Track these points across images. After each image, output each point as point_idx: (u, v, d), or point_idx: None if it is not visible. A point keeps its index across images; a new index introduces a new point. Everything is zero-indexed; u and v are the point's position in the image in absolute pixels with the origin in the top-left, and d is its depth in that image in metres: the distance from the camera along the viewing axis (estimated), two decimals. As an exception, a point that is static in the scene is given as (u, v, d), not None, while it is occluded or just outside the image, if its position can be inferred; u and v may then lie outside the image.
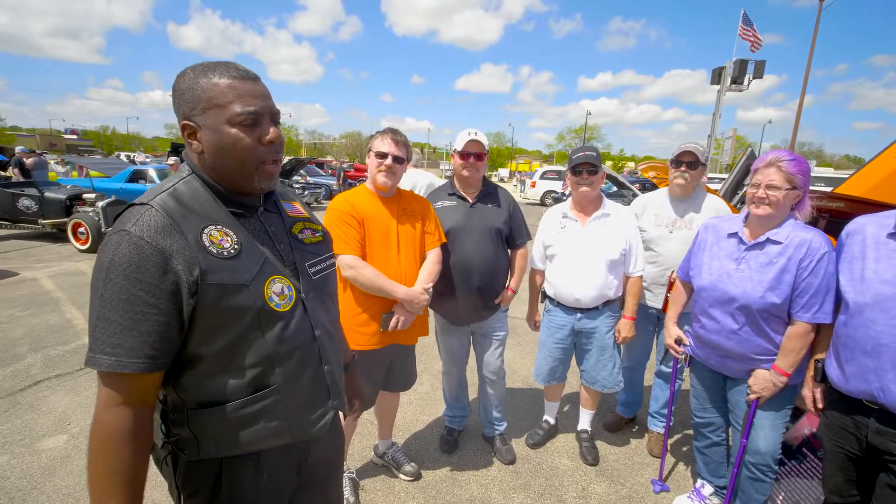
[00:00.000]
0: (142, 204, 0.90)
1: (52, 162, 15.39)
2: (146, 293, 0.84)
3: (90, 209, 7.61)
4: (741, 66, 18.41)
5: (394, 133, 2.01)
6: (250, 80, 0.95)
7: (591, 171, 2.35)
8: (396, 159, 1.99)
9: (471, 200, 2.39)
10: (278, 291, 0.99)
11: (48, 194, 7.99)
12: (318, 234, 1.19)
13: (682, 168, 2.47)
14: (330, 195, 17.04)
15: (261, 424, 0.99)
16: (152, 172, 10.17)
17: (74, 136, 64.63)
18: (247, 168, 0.96)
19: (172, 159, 7.73)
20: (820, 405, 1.73)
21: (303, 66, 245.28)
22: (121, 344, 0.83)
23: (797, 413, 2.44)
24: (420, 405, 3.23)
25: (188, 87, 0.93)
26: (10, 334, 4.17)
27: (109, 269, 0.83)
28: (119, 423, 0.85)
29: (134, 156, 26.80)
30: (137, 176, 10.19)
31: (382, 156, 1.98)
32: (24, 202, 7.98)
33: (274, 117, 0.99)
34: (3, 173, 12.24)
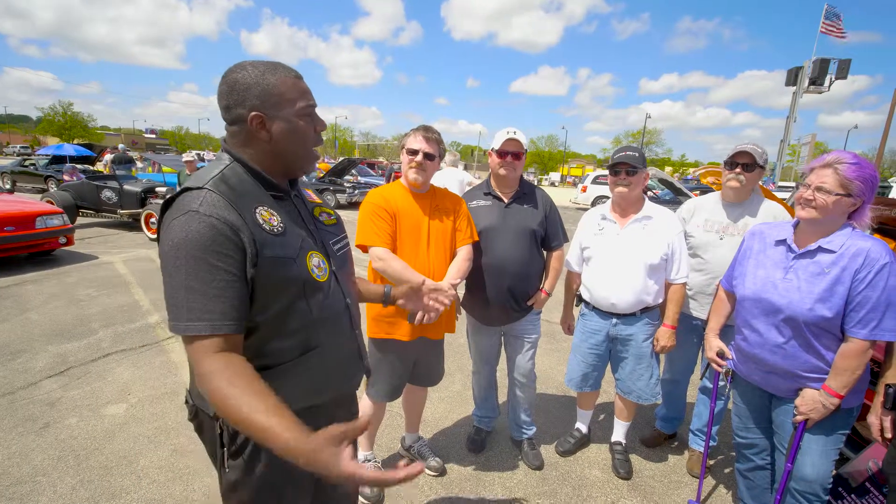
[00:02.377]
0: (198, 188, 0.97)
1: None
2: (225, 263, 0.92)
3: (161, 201, 8.27)
4: (821, 65, 16.81)
5: (426, 130, 2.03)
6: (302, 80, 1.10)
7: (629, 172, 2.25)
8: (427, 156, 2.01)
9: (506, 200, 2.37)
10: (316, 265, 1.11)
11: (126, 187, 8.78)
12: (332, 217, 1.31)
13: (738, 169, 2.31)
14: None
15: (310, 381, 1.13)
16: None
17: (153, 136, 70.71)
18: (307, 152, 1.11)
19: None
20: (889, 435, 1.55)
21: (362, 70, 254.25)
22: (212, 309, 0.90)
23: (861, 443, 2.21)
24: (451, 403, 3.23)
25: (255, 82, 1.01)
26: (86, 311, 4.63)
27: (186, 245, 0.89)
28: (226, 362, 0.90)
29: (204, 154, 28.82)
30: None
31: (413, 152, 2.01)
32: (106, 194, 8.83)
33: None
34: (91, 168, 13.54)
